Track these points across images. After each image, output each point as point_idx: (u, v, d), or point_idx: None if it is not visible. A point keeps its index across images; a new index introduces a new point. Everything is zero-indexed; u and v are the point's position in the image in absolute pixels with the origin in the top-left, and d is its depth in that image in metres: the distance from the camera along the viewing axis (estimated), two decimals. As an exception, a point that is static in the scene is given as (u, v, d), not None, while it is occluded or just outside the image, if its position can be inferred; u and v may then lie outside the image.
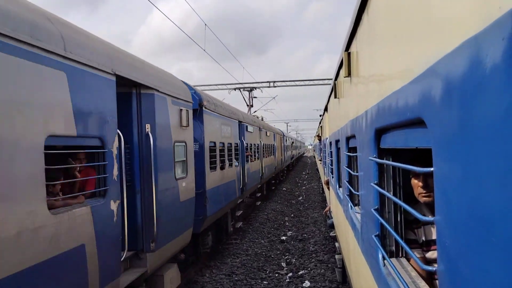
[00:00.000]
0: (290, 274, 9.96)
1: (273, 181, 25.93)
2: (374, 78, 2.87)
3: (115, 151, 4.97)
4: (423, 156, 2.13)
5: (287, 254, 11.88)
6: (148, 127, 6.13)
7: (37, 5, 4.09)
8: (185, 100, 7.80)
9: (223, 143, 11.28)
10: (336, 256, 9.01)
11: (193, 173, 8.19)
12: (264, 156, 20.59)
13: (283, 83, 35.57)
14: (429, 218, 1.53)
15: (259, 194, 19.48)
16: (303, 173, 43.20)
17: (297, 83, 35.54)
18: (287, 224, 16.43)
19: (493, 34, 0.97)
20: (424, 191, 2.61)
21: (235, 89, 32.04)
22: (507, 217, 0.92)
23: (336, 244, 9.66)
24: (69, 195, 4.35)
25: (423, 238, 2.79)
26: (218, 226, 11.37)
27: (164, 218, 6.47)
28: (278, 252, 12.10)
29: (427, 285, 2.17)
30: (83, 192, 4.57)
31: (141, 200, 6.13)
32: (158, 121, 6.36)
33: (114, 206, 4.93)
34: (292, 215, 18.25)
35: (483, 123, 1.04)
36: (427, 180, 2.55)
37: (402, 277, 2.15)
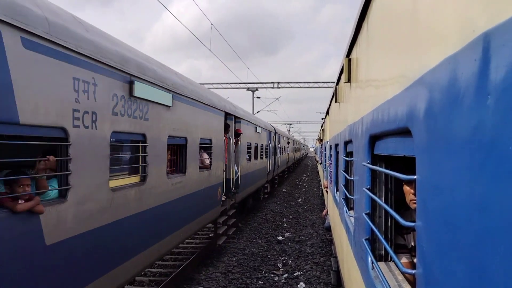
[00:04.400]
0: (286, 275, 10.02)
1: (279, 177, 32.45)
2: (370, 85, 2.94)
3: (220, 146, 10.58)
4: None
5: (283, 255, 11.95)
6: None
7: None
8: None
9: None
10: (332, 259, 9.07)
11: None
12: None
13: (287, 85, 35.63)
14: (411, 224, 1.60)
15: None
16: (304, 175, 43.21)
17: (301, 85, 35.60)
18: (285, 225, 16.50)
19: (468, 55, 1.05)
20: (415, 198, 2.68)
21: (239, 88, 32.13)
22: (471, 224, 0.99)
23: (332, 247, 9.72)
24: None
25: (412, 244, 2.85)
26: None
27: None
28: (275, 253, 12.17)
29: (412, 289, 2.24)
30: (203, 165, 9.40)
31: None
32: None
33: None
34: (290, 217, 18.31)
35: (455, 136, 1.11)
36: None
37: (387, 281, 2.22)
